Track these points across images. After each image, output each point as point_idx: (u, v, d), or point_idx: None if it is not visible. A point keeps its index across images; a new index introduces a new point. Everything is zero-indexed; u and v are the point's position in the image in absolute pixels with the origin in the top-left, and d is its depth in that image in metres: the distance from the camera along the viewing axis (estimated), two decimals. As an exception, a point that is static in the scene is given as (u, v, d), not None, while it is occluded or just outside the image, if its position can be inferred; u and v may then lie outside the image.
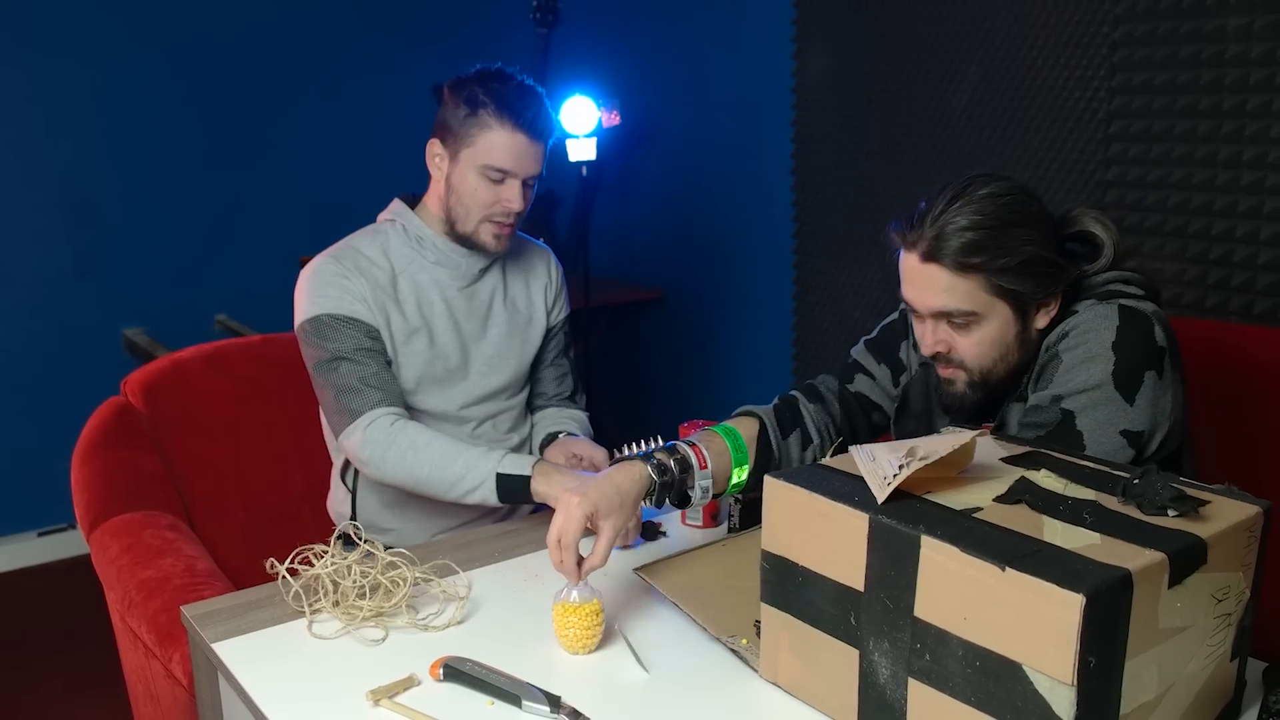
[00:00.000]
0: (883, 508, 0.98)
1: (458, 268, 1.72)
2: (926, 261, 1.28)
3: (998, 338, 1.31)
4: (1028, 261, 1.27)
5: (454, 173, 1.64)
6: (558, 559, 1.20)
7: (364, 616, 1.25)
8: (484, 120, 1.59)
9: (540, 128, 1.62)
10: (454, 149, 1.63)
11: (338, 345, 1.61)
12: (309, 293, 1.64)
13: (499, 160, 1.60)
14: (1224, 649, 0.99)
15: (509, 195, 1.62)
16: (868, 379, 1.58)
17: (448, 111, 1.63)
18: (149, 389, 1.91)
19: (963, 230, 1.25)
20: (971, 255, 1.25)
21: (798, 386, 1.61)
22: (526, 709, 1.07)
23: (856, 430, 1.58)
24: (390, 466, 1.57)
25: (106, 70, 3.20)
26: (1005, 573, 0.86)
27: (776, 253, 3.14)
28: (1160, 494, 0.97)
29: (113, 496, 1.73)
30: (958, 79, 2.50)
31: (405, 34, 3.65)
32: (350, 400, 1.59)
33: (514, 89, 1.61)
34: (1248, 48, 1.96)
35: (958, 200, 1.27)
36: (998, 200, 1.27)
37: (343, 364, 1.60)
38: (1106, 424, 1.26)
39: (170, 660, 1.40)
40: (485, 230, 1.66)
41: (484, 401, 1.77)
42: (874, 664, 0.99)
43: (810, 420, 1.53)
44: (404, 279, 1.69)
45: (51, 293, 3.23)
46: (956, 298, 1.28)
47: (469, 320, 1.74)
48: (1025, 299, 1.30)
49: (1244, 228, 2.02)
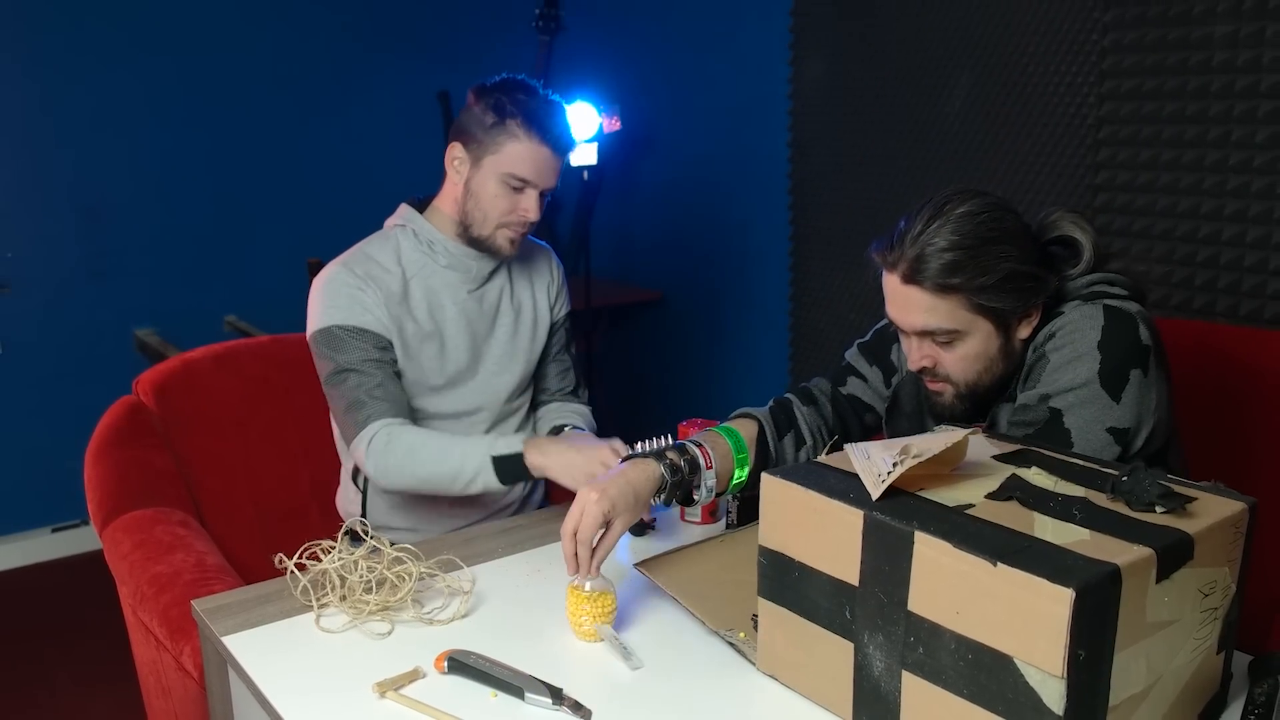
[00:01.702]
0: (877, 504, 0.98)
1: (469, 271, 1.71)
2: (908, 284, 1.28)
3: (981, 352, 1.31)
4: (1006, 278, 1.26)
5: (474, 178, 1.63)
6: (571, 551, 1.21)
7: (370, 611, 1.25)
8: (511, 130, 1.58)
9: (564, 142, 1.62)
10: (477, 155, 1.62)
11: (346, 357, 1.60)
12: (321, 303, 1.63)
13: (522, 170, 1.59)
14: (1210, 642, 0.99)
15: (527, 205, 1.62)
16: (860, 381, 1.58)
17: (472, 117, 1.61)
18: (160, 388, 1.91)
19: (941, 252, 1.25)
20: (950, 276, 1.25)
21: (792, 389, 1.61)
22: (529, 701, 1.07)
23: (849, 431, 1.59)
24: (394, 474, 1.57)
25: (117, 79, 3.20)
26: (997, 568, 0.86)
27: (773, 255, 3.14)
28: (1148, 491, 0.97)
29: (125, 493, 1.73)
30: (950, 86, 2.50)
31: (411, 42, 3.65)
32: (357, 413, 1.59)
33: (540, 102, 1.61)
34: (1233, 55, 1.96)
35: (935, 220, 1.26)
36: (974, 219, 1.26)
37: (350, 376, 1.60)
38: (1093, 421, 1.27)
39: (181, 653, 1.40)
40: (501, 235, 1.65)
41: (494, 401, 1.77)
42: (869, 657, 0.99)
43: (804, 422, 1.54)
44: (416, 284, 1.68)
45: (65, 295, 3.23)
46: (938, 317, 1.28)
47: (479, 321, 1.74)
48: (1006, 314, 1.29)
49: (1230, 230, 2.02)
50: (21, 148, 3.11)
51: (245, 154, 3.44)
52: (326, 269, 1.66)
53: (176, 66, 3.29)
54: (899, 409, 1.54)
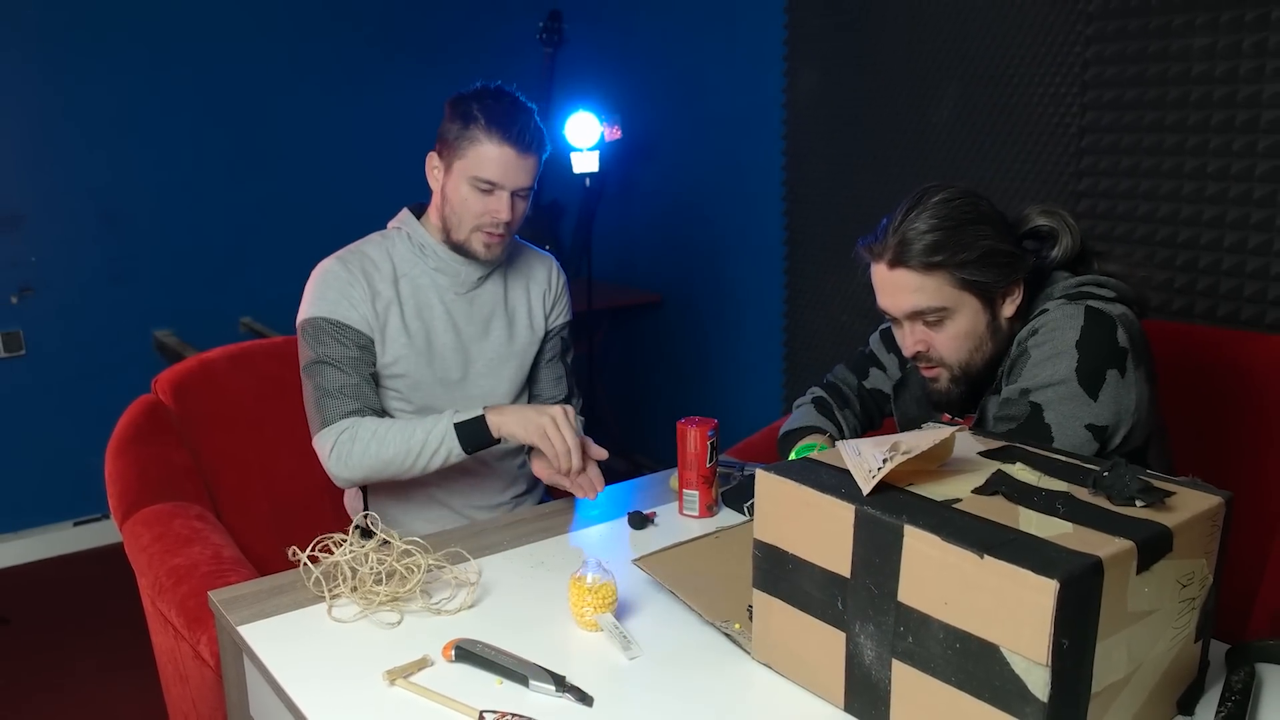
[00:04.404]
0: (868, 499, 0.98)
1: (457, 275, 1.70)
2: (894, 267, 1.31)
3: (970, 329, 1.34)
4: (986, 254, 1.30)
5: (448, 183, 1.62)
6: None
7: (380, 601, 1.25)
8: (474, 134, 1.57)
9: (528, 141, 1.58)
10: (448, 161, 1.61)
11: (326, 350, 1.60)
12: (312, 293, 1.64)
13: (487, 172, 1.58)
14: (1189, 631, 0.99)
15: (497, 206, 1.60)
16: (880, 372, 1.64)
17: (445, 127, 1.62)
18: (178, 387, 1.91)
19: (923, 234, 1.29)
20: (934, 254, 1.29)
21: (822, 386, 1.65)
22: (533, 688, 1.07)
23: (874, 423, 1.67)
24: (356, 460, 1.56)
25: (137, 89, 3.20)
26: (984, 560, 0.86)
27: (768, 259, 3.14)
28: (1129, 486, 0.97)
29: (144, 488, 1.73)
30: (938, 96, 2.50)
31: (419, 53, 3.65)
32: (326, 404, 1.59)
33: (506, 105, 1.59)
34: (1211, 66, 1.96)
35: (914, 209, 1.31)
36: (950, 204, 1.31)
37: (327, 369, 1.59)
38: (1071, 418, 1.27)
39: (198, 642, 1.40)
40: (476, 239, 1.64)
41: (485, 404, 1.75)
42: (860, 646, 0.99)
43: (845, 425, 1.63)
44: (405, 282, 1.68)
45: (87, 298, 3.23)
46: (926, 295, 1.31)
47: (469, 324, 1.72)
48: (989, 288, 1.32)
49: (1208, 235, 2.02)
50: (45, 157, 3.11)
51: (260, 162, 3.44)
52: (323, 262, 1.66)
53: (195, 77, 3.29)
54: (906, 388, 1.58)
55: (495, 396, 1.76)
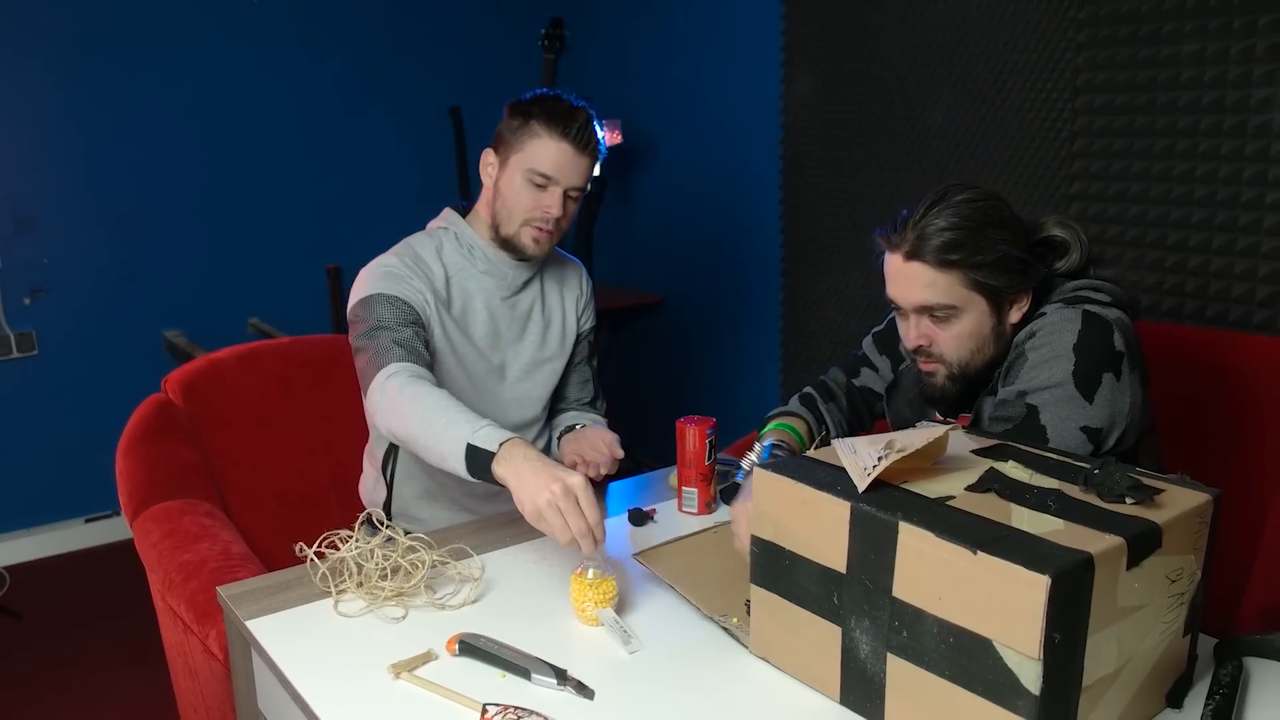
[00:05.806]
0: (863, 496, 0.98)
1: (504, 278, 1.69)
2: (910, 260, 1.30)
3: (974, 330, 1.32)
4: (1002, 259, 1.29)
5: (502, 177, 1.62)
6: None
7: (385, 596, 1.25)
8: (533, 129, 1.57)
9: (585, 140, 1.59)
10: (504, 155, 1.61)
11: (381, 316, 1.52)
12: (366, 280, 1.58)
13: (543, 165, 1.58)
14: (1178, 626, 0.99)
15: (549, 201, 1.60)
16: (872, 372, 1.62)
17: (504, 124, 1.62)
18: (187, 386, 1.91)
19: (942, 231, 1.27)
20: (951, 252, 1.27)
21: (812, 384, 1.65)
22: (535, 681, 1.07)
23: (862, 420, 1.65)
24: (388, 415, 1.40)
25: (147, 93, 3.20)
26: (977, 556, 0.86)
27: (766, 261, 3.14)
28: (1119, 483, 0.97)
29: (154, 486, 1.73)
30: (933, 101, 2.50)
31: (424, 60, 3.64)
32: (380, 359, 1.46)
33: (565, 105, 1.60)
34: (1200, 72, 1.96)
35: (937, 205, 1.29)
36: (973, 204, 1.29)
37: (382, 333, 1.50)
38: (1068, 420, 1.27)
39: (207, 636, 1.40)
40: (525, 233, 1.62)
41: (519, 408, 1.74)
42: (855, 640, 0.99)
43: (828, 416, 1.60)
44: (454, 284, 1.65)
45: (98, 298, 3.23)
46: (937, 292, 1.30)
47: (509, 328, 1.71)
48: (1000, 293, 1.31)
49: (1197, 238, 2.02)
50: (57, 161, 3.11)
51: (268, 166, 3.44)
52: (377, 258, 1.61)
53: (204, 81, 3.29)
54: (899, 390, 1.57)
55: (529, 401, 1.74)
